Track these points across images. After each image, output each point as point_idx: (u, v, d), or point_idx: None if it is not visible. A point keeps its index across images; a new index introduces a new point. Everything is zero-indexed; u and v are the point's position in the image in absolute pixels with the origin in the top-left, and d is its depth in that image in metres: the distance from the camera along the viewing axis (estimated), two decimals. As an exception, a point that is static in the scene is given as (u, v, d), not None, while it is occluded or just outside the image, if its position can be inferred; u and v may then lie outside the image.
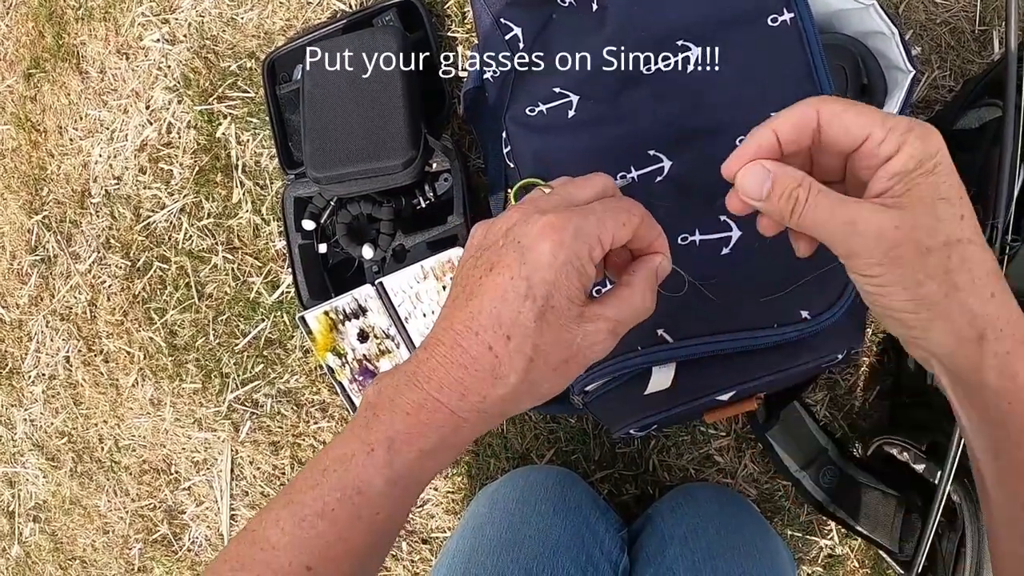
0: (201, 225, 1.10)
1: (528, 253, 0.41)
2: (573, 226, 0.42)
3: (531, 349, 0.42)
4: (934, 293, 0.40)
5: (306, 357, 1.07)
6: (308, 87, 0.88)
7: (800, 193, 0.41)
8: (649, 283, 0.46)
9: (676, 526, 0.76)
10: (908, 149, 0.39)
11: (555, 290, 0.41)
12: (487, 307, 0.42)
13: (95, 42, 1.15)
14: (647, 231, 0.46)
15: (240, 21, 1.06)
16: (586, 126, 0.73)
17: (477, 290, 0.43)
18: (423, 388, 0.43)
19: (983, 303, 0.40)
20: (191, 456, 1.15)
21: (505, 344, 0.42)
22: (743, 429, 0.94)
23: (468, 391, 0.43)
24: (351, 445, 0.45)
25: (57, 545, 1.26)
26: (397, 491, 0.44)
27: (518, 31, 0.80)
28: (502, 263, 0.42)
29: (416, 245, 0.91)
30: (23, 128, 1.21)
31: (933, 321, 0.41)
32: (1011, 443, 0.41)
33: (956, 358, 0.41)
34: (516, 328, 0.41)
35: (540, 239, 0.41)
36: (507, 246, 0.42)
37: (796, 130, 0.42)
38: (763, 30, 0.66)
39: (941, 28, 0.87)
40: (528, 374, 0.42)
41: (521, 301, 0.41)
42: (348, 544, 0.44)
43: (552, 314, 0.42)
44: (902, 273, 0.40)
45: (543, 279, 0.41)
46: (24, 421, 1.26)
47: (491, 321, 0.42)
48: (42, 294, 1.22)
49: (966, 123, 0.75)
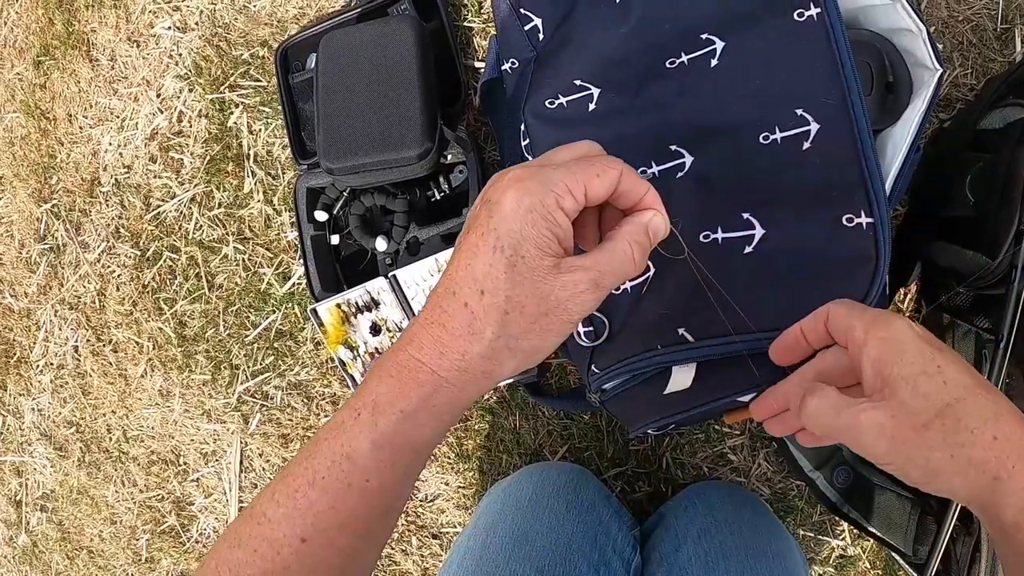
0: (212, 215, 1.09)
1: (495, 207, 0.42)
2: (538, 176, 0.42)
3: (504, 301, 0.42)
4: (941, 460, 0.43)
5: (317, 349, 1.06)
6: (322, 76, 0.87)
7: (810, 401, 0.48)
8: (635, 237, 0.46)
9: (689, 525, 0.76)
10: (874, 333, 0.46)
11: (522, 239, 0.42)
12: (462, 265, 0.43)
13: (105, 29, 1.14)
14: (632, 186, 0.46)
15: (253, 9, 1.05)
16: (607, 119, 0.72)
17: (455, 254, 0.44)
18: (405, 350, 0.44)
19: (988, 448, 0.43)
20: (200, 447, 1.14)
21: (479, 299, 0.42)
22: (757, 428, 0.93)
23: (447, 349, 0.43)
24: (342, 414, 0.45)
25: (64, 535, 1.26)
26: (384, 455, 0.44)
27: (538, 22, 0.79)
28: (476, 222, 0.43)
29: (430, 238, 0.90)
30: (32, 116, 1.20)
31: (951, 480, 0.44)
32: None
33: (983, 507, 0.44)
34: (488, 281, 0.42)
35: (505, 191, 0.42)
36: (480, 206, 0.44)
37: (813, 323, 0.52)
38: (789, 25, 0.65)
39: (963, 26, 0.86)
40: (504, 328, 0.43)
41: (491, 253, 0.42)
42: (340, 513, 0.44)
43: (523, 264, 0.42)
44: (908, 453, 0.44)
45: (509, 229, 0.42)
46: (32, 410, 1.25)
47: (466, 278, 0.43)
48: (51, 283, 1.21)
49: (990, 123, 0.74)
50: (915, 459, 0.44)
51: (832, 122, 0.63)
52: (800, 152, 0.64)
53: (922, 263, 0.80)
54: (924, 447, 0.43)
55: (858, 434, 0.45)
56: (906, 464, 0.44)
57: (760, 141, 0.65)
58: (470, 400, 0.46)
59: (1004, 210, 0.67)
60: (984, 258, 0.69)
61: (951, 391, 0.43)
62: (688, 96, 0.69)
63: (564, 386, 0.96)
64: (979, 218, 0.70)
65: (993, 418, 0.43)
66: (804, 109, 0.64)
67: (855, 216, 0.61)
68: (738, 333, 0.60)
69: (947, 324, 0.81)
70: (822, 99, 0.64)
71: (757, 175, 0.65)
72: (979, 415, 0.43)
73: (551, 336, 0.44)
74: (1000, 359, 0.68)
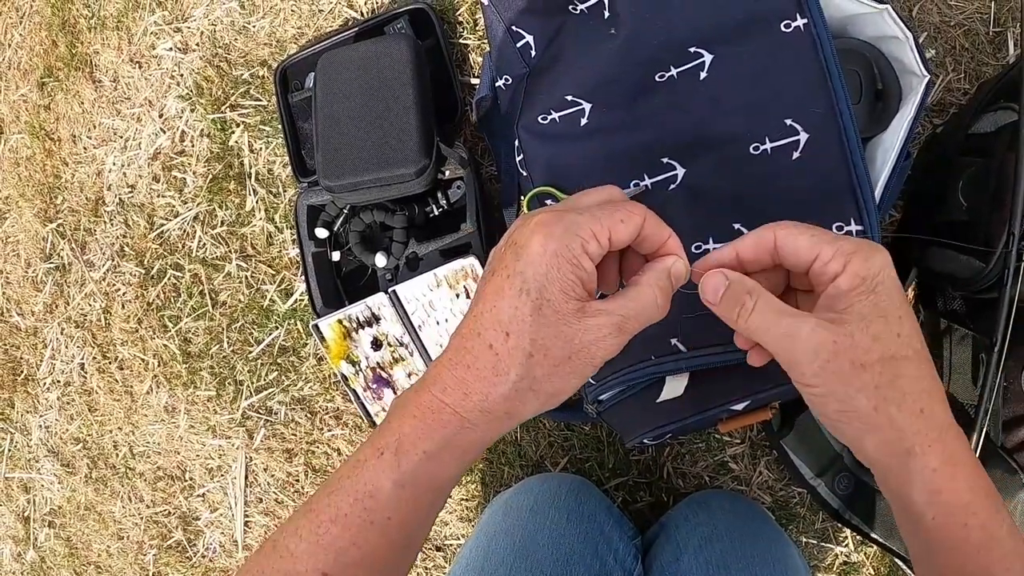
0: (215, 233, 1.10)
1: (521, 250, 0.42)
2: (564, 221, 0.43)
3: (529, 344, 0.42)
4: (863, 406, 0.42)
5: (320, 365, 1.07)
6: (320, 95, 0.88)
7: (747, 300, 0.45)
8: (659, 282, 0.46)
9: (690, 534, 0.76)
10: (851, 268, 0.43)
11: (548, 282, 0.42)
12: (487, 307, 0.43)
13: (108, 51, 1.16)
14: (655, 231, 0.46)
15: (252, 29, 1.07)
16: (599, 134, 0.72)
17: (480, 294, 0.44)
18: (429, 391, 0.44)
19: (912, 418, 0.42)
20: (205, 463, 1.15)
21: (504, 341, 0.42)
22: (758, 436, 0.93)
23: (471, 390, 0.43)
24: (365, 452, 0.46)
25: (72, 550, 1.27)
26: (406, 494, 0.45)
27: (530, 39, 0.80)
28: (501, 264, 0.43)
29: (429, 253, 0.91)
30: (37, 137, 1.22)
31: (864, 433, 0.44)
32: (936, 552, 0.44)
33: (888, 471, 0.44)
34: (514, 324, 0.42)
35: (532, 235, 0.42)
36: (506, 248, 0.44)
37: (755, 250, 0.47)
38: (776, 36, 0.66)
39: (955, 30, 0.86)
40: (529, 370, 0.43)
41: (517, 296, 0.42)
42: (362, 550, 0.45)
43: (548, 307, 0.42)
44: (837, 386, 0.43)
45: (535, 273, 0.42)
46: (39, 427, 1.26)
47: (491, 320, 0.43)
48: (57, 301, 1.22)
49: (981, 127, 0.74)
50: (839, 394, 0.43)
51: (821, 131, 0.64)
52: (790, 162, 0.65)
53: (917, 268, 0.81)
54: (853, 386, 0.42)
55: (793, 346, 0.43)
56: (827, 396, 0.43)
57: (750, 151, 0.66)
58: (491, 440, 0.46)
59: (996, 214, 0.67)
60: (978, 262, 0.69)
61: (901, 346, 0.43)
62: (678, 109, 0.69)
63: (565, 397, 0.97)
64: (972, 222, 0.70)
65: (927, 391, 0.43)
66: (793, 119, 0.65)
67: (845, 224, 0.62)
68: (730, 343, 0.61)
69: (944, 329, 0.81)
70: (811, 109, 0.64)
71: (748, 185, 0.66)
72: (916, 382, 0.43)
73: (573, 379, 0.44)
74: (995, 362, 0.68)
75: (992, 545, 0.43)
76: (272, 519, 1.12)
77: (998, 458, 0.74)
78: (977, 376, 0.77)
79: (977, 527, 0.43)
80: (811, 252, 0.44)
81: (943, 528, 0.43)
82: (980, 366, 0.74)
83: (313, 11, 1.03)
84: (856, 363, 0.42)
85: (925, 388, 0.43)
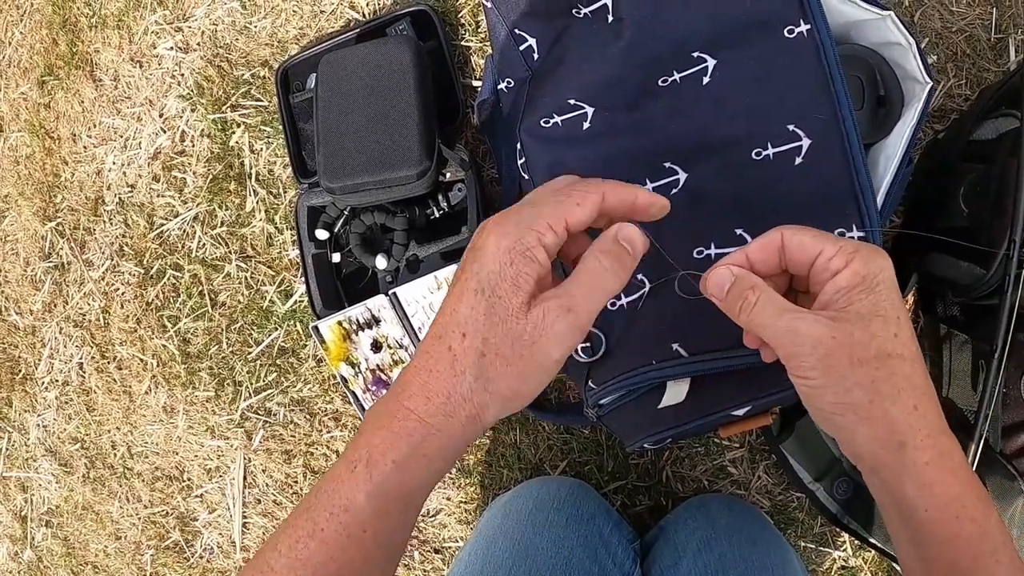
0: (214, 233, 1.10)
1: (479, 252, 0.43)
2: (517, 216, 0.44)
3: (481, 343, 0.43)
4: (860, 399, 0.44)
5: (319, 366, 1.07)
6: (321, 96, 0.88)
7: (750, 295, 0.46)
8: (602, 248, 0.46)
9: (689, 538, 0.76)
10: (854, 266, 0.44)
11: (500, 279, 0.43)
12: (449, 310, 0.44)
13: (109, 50, 1.15)
14: (620, 197, 0.47)
15: (253, 30, 1.07)
16: (601, 138, 0.72)
17: (445, 299, 0.45)
18: (396, 399, 0.45)
19: (905, 413, 0.43)
20: (204, 463, 1.15)
21: (461, 341, 0.43)
22: (757, 441, 0.94)
23: (432, 394, 0.44)
24: (339, 467, 0.46)
25: (69, 550, 1.26)
26: (378, 505, 0.45)
27: (532, 42, 0.80)
28: (462, 268, 0.44)
29: (430, 255, 0.91)
30: (37, 135, 1.22)
31: (858, 425, 0.44)
32: (927, 546, 0.45)
33: (879, 464, 0.45)
34: (469, 324, 0.43)
35: (488, 236, 0.43)
36: (467, 253, 0.45)
37: (763, 251, 0.48)
38: (780, 42, 0.66)
39: (957, 36, 0.86)
40: (483, 370, 0.43)
41: (473, 296, 0.43)
42: (339, 563, 0.45)
43: (499, 304, 0.43)
44: (834, 379, 0.44)
45: (490, 271, 0.43)
46: (37, 427, 1.26)
47: (451, 322, 0.43)
48: (56, 301, 1.22)
49: (983, 134, 0.75)
50: (835, 387, 0.44)
51: (823, 137, 0.64)
52: (792, 167, 0.64)
53: (918, 274, 0.81)
54: (850, 379, 0.43)
55: (794, 339, 0.44)
56: (824, 388, 0.44)
57: (753, 157, 0.66)
58: (459, 448, 0.46)
59: (997, 221, 0.67)
60: (979, 269, 0.69)
61: (897, 346, 0.44)
62: (681, 113, 0.69)
63: (564, 401, 0.97)
64: (973, 228, 0.70)
65: (920, 390, 0.44)
66: (796, 124, 0.65)
67: (847, 230, 0.62)
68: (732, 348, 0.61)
69: (944, 335, 0.81)
70: (813, 114, 0.64)
71: (750, 191, 0.66)
72: (910, 380, 0.44)
73: (530, 379, 0.44)
74: (995, 368, 0.68)
75: (983, 538, 0.44)
76: (270, 520, 1.12)
77: (997, 464, 0.74)
78: (977, 382, 0.77)
79: (968, 520, 0.44)
80: (815, 248, 0.46)
81: (935, 521, 0.44)
82: (980, 372, 0.74)
83: (315, 12, 1.03)
84: (854, 358, 0.43)
85: (918, 387, 0.44)
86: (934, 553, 0.45)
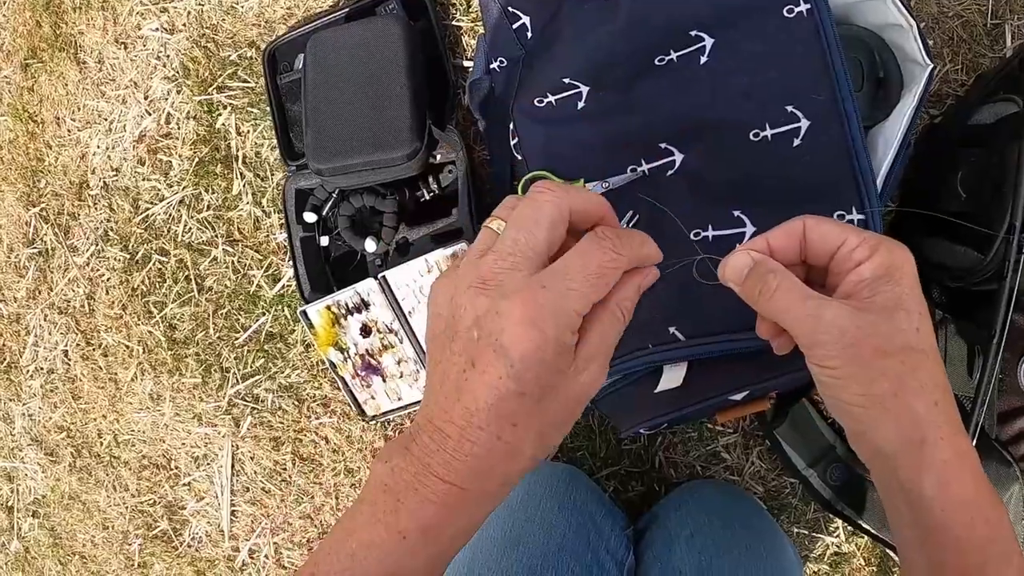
0: (201, 217, 1.08)
1: (511, 353, 0.39)
2: (551, 314, 0.40)
3: (538, 425, 0.41)
4: (885, 391, 0.43)
5: (307, 351, 1.06)
6: (310, 77, 0.86)
7: (771, 279, 0.45)
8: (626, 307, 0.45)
9: (682, 524, 0.76)
10: (878, 257, 0.43)
11: (545, 374, 0.40)
12: (483, 405, 0.40)
13: (93, 31, 1.13)
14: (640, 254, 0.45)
15: (240, 10, 1.05)
16: (596, 118, 0.71)
17: (465, 386, 0.41)
18: (444, 480, 0.42)
19: (928, 408, 0.43)
20: (191, 451, 1.13)
21: (513, 431, 0.41)
22: (751, 426, 0.93)
23: (488, 475, 0.42)
24: (377, 531, 0.43)
25: (56, 540, 1.25)
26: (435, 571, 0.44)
27: (526, 20, 0.79)
28: (483, 360, 0.40)
29: (420, 238, 0.90)
30: (20, 119, 1.19)
31: (881, 418, 0.43)
32: (935, 546, 0.44)
33: (899, 458, 0.44)
34: (519, 416, 0.41)
35: (520, 339, 0.39)
36: (483, 341, 0.40)
37: (785, 237, 0.47)
38: (779, 21, 0.65)
39: (953, 21, 0.86)
40: (541, 442, 0.42)
41: (516, 397, 0.40)
42: None
43: (549, 392, 0.41)
44: (858, 369, 0.43)
45: (534, 376, 0.40)
46: (22, 416, 1.24)
47: (492, 416, 0.40)
48: (40, 287, 1.20)
49: (981, 118, 0.74)
50: (860, 377, 0.43)
51: (822, 119, 0.63)
52: (791, 149, 0.64)
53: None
54: (876, 370, 0.42)
55: (816, 327, 0.43)
56: (849, 379, 0.43)
57: (750, 138, 0.65)
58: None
59: (995, 205, 0.66)
60: (976, 254, 0.69)
61: (920, 340, 0.43)
62: (678, 94, 0.68)
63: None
64: (971, 213, 0.70)
65: (941, 387, 0.43)
66: (794, 106, 0.64)
67: (846, 212, 0.61)
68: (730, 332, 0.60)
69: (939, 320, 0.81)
70: (812, 96, 0.64)
71: (747, 172, 0.65)
72: (932, 375, 0.43)
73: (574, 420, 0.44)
74: (993, 354, 0.68)
75: (993, 542, 0.43)
76: (259, 508, 1.11)
77: (993, 450, 0.74)
78: (972, 368, 0.76)
79: (982, 522, 0.43)
80: (839, 237, 0.45)
81: (950, 522, 0.43)
82: (976, 357, 0.74)
83: (303, -8, 1.01)
84: (879, 350, 0.42)
85: (940, 383, 0.43)
86: (942, 556, 0.44)
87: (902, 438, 0.43)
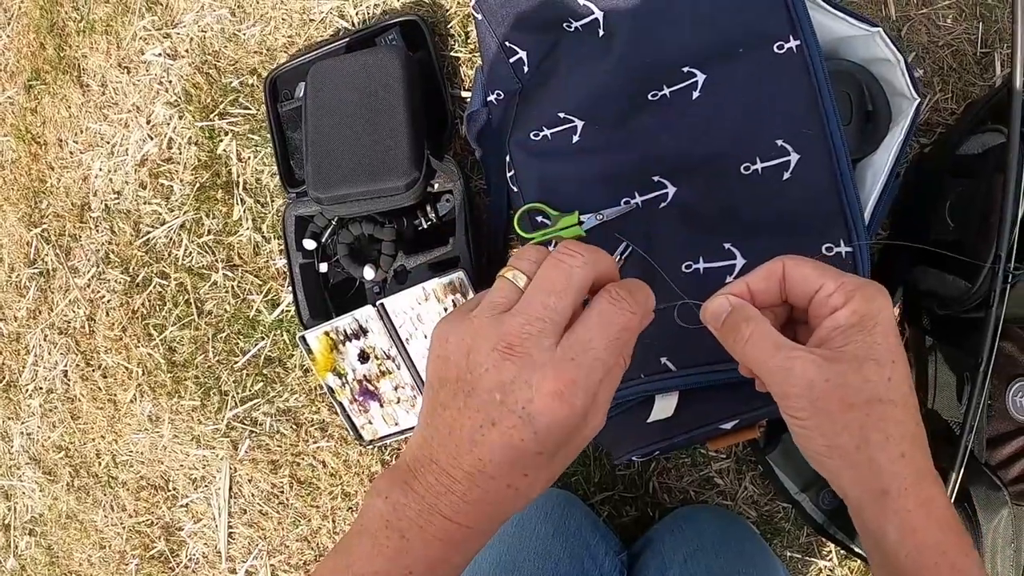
0: (201, 242, 1.09)
1: (537, 422, 0.40)
2: (581, 389, 0.40)
3: (548, 474, 0.42)
4: (846, 444, 0.43)
5: (306, 376, 1.06)
6: (310, 105, 0.88)
7: (744, 327, 0.46)
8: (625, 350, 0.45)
9: (676, 549, 0.76)
10: (853, 304, 0.44)
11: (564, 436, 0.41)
12: (498, 459, 0.41)
13: (96, 55, 1.15)
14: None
15: (242, 37, 1.06)
16: (591, 152, 0.73)
17: (482, 440, 0.41)
18: (452, 521, 0.42)
19: (891, 461, 0.43)
20: (189, 473, 1.14)
21: (524, 479, 0.41)
22: (743, 452, 0.94)
23: (495, 516, 0.43)
24: (379, 564, 0.43)
25: (53, 559, 1.25)
26: None
27: (523, 55, 0.80)
28: (506, 423, 0.40)
29: (418, 266, 0.91)
30: (23, 140, 1.21)
31: (844, 469, 0.44)
32: None
33: (862, 507, 0.45)
34: (530, 468, 0.41)
35: (548, 411, 0.40)
36: (507, 407, 0.40)
37: (765, 280, 0.48)
38: (769, 57, 0.66)
39: (943, 50, 0.87)
40: (548, 484, 0.43)
41: (534, 456, 0.41)
42: None
43: (563, 447, 0.42)
44: (823, 421, 0.43)
45: (555, 439, 0.40)
46: (21, 434, 1.25)
47: (506, 469, 0.41)
48: (40, 307, 1.21)
49: (969, 148, 0.75)
50: (825, 429, 0.44)
51: (812, 152, 0.64)
52: (780, 182, 0.65)
53: (904, 287, 0.81)
54: (840, 424, 0.43)
55: (786, 379, 0.44)
56: (814, 430, 0.44)
57: (741, 171, 0.66)
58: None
59: (982, 235, 0.67)
60: (964, 283, 0.69)
61: (889, 391, 0.43)
62: (670, 128, 0.70)
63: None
64: (959, 242, 0.71)
65: (909, 437, 0.44)
66: (784, 140, 0.65)
67: (834, 245, 0.62)
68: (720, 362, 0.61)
69: (929, 347, 0.82)
70: (802, 130, 0.65)
71: (738, 205, 0.66)
72: (899, 426, 0.44)
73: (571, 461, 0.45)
74: (980, 381, 0.69)
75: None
76: (256, 530, 1.11)
77: (983, 475, 0.75)
78: (961, 394, 0.77)
79: (948, 567, 0.43)
80: (816, 281, 0.45)
81: (915, 566, 0.44)
82: (964, 384, 0.75)
83: (304, 20, 1.03)
84: (845, 402, 0.43)
85: (908, 433, 0.44)
86: None
87: (864, 488, 0.44)
